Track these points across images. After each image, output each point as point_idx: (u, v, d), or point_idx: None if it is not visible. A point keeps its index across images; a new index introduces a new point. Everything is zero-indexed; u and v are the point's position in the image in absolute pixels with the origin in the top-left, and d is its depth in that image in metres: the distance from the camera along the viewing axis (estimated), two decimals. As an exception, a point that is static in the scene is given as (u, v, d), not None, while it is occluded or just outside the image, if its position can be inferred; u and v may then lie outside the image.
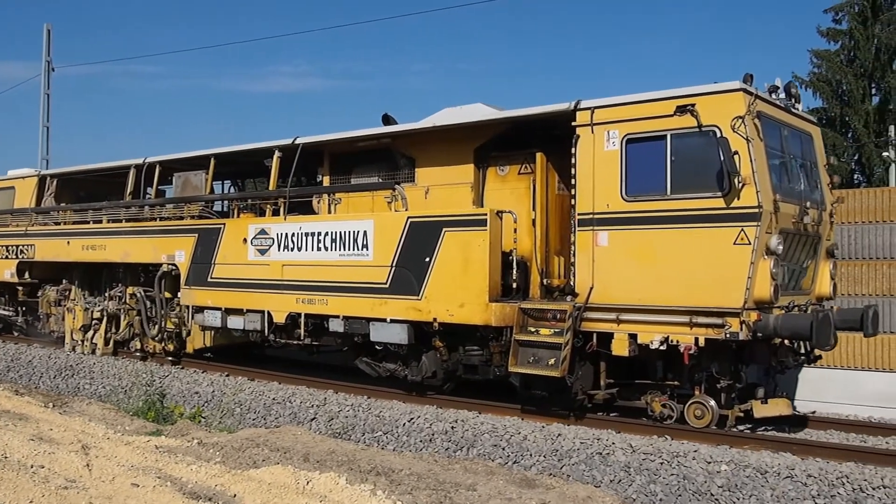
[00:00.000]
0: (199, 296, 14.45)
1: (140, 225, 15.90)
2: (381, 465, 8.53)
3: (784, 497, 7.95)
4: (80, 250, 17.04)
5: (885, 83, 38.19)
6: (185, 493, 7.38)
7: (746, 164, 9.44)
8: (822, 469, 8.29)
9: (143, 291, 16.26)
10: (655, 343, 9.99)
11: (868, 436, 10.85)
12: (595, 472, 9.03)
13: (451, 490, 7.74)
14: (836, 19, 39.70)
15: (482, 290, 10.97)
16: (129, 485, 7.58)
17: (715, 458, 8.70)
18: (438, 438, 10.52)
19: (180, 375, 14.69)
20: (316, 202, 14.01)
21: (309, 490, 7.54)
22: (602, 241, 10.45)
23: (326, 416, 11.83)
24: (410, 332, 11.74)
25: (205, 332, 15.26)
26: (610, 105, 10.50)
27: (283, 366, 15.72)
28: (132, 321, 16.79)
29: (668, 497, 8.45)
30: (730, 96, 9.74)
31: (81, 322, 17.48)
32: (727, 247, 9.53)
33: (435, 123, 12.10)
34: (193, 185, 15.17)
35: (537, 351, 10.66)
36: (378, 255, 12.03)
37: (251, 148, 14.43)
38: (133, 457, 8.77)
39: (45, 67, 32.22)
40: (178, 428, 10.86)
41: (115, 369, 15.37)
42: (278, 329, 13.47)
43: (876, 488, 7.77)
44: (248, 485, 7.65)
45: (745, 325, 9.45)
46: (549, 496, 7.69)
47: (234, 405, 12.77)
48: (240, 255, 13.82)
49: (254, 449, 9.18)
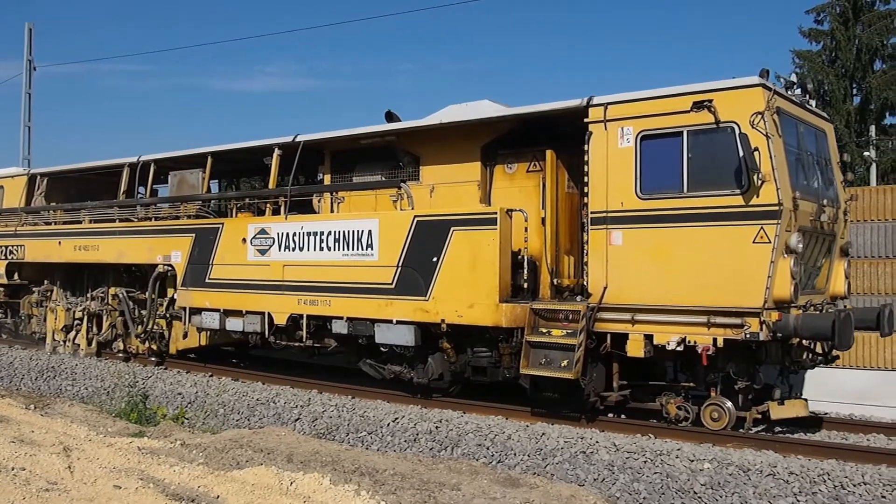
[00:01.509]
0: (197, 297, 13.96)
1: (135, 225, 15.37)
2: (365, 466, 8.37)
3: (766, 494, 7.87)
4: (71, 251, 16.49)
5: (865, 83, 38.17)
6: (167, 494, 7.23)
7: (766, 160, 9.12)
8: (804, 466, 8.23)
9: (127, 292, 15.79)
10: (672, 344, 9.66)
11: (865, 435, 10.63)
12: (579, 470, 8.89)
13: (435, 490, 7.57)
14: (818, 20, 39.66)
15: (492, 290, 10.58)
16: (111, 487, 7.41)
17: (698, 457, 8.61)
18: (423, 438, 10.31)
19: (163, 376, 14.43)
20: (316, 201, 13.56)
21: (293, 491, 7.39)
22: (616, 240, 10.09)
23: (310, 417, 11.58)
24: (417, 333, 11.33)
25: (200, 332, 14.78)
26: (624, 101, 10.14)
27: (266, 366, 15.43)
28: (115, 322, 16.30)
29: (652, 495, 8.31)
30: (748, 91, 9.41)
31: (63, 322, 17.03)
32: (746, 245, 9.20)
33: (442, 120, 11.68)
34: (190, 184, 14.67)
35: (549, 352, 10.30)
36: (383, 254, 11.61)
37: (250, 146, 13.95)
38: (115, 458, 8.57)
39: (26, 66, 31.50)
40: (160, 429, 10.62)
41: (97, 371, 15.08)
42: (279, 331, 13.02)
43: (857, 485, 7.73)
44: (232, 486, 7.49)
45: (765, 325, 9.13)
46: (533, 495, 7.55)
47: (217, 406, 12.49)
48: (239, 256, 13.35)
49: (237, 450, 8.98)
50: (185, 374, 14.60)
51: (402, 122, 12.56)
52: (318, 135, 13.03)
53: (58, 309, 17.06)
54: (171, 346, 15.17)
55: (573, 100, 10.54)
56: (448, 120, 11.62)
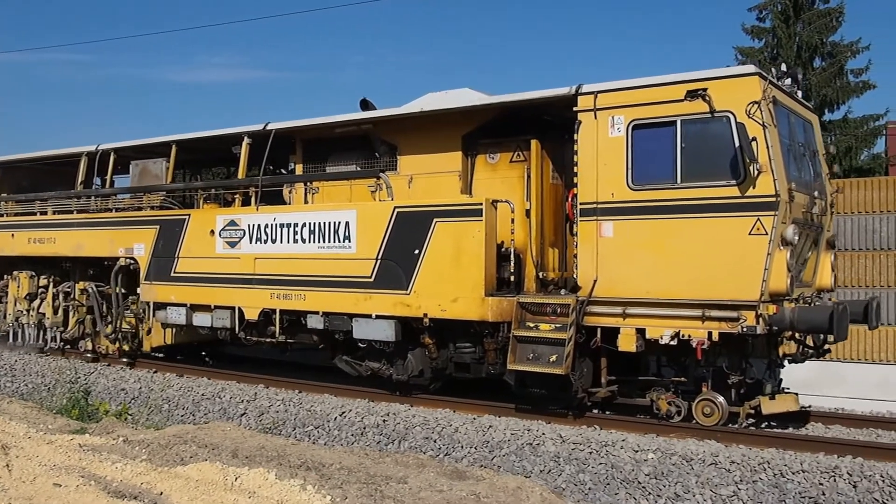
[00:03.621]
0: (162, 291, 13.12)
1: (95, 216, 14.42)
2: (311, 460, 8.05)
3: (708, 483, 7.89)
4: (25, 243, 15.47)
5: (806, 80, 38.54)
6: (109, 492, 6.96)
7: (763, 151, 8.73)
8: (745, 455, 8.26)
9: (96, 287, 14.83)
10: (666, 338, 9.23)
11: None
12: (525, 462, 8.81)
13: (381, 483, 7.33)
14: (760, 17, 39.87)
15: (478, 283, 10.03)
16: (50, 485, 7.10)
17: (642, 447, 8.59)
18: (370, 432, 10.11)
19: (106, 372, 13.96)
20: (287, 192, 12.81)
21: (237, 486, 7.13)
22: (607, 231, 9.61)
23: (257, 412, 11.21)
24: (398, 328, 10.73)
25: (165, 329, 13.94)
26: (615, 89, 9.66)
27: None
28: (82, 319, 15.31)
29: (597, 486, 8.27)
30: (745, 80, 9.01)
31: (27, 290, 15.94)
32: (742, 237, 8.80)
33: (424, 108, 11.04)
34: (153, 174, 13.77)
35: (537, 347, 9.80)
36: (362, 247, 10.97)
37: (218, 134, 13.10)
38: (55, 456, 8.21)
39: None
40: (103, 426, 10.05)
41: (37, 367, 14.48)
42: (250, 326, 12.27)
43: (796, 473, 7.79)
44: (175, 482, 7.21)
45: (761, 318, 8.75)
46: (480, 487, 7.28)
47: (161, 401, 12.00)
48: (207, 248, 12.55)
49: (181, 446, 8.56)
50: (129, 370, 14.05)
51: (380, 110, 11.88)
52: (290, 123, 12.29)
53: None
54: (145, 345, 14.25)
55: (561, 88, 10.02)
56: (430, 108, 10.98)
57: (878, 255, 12.47)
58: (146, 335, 14.05)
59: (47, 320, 15.54)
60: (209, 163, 17.44)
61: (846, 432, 10.17)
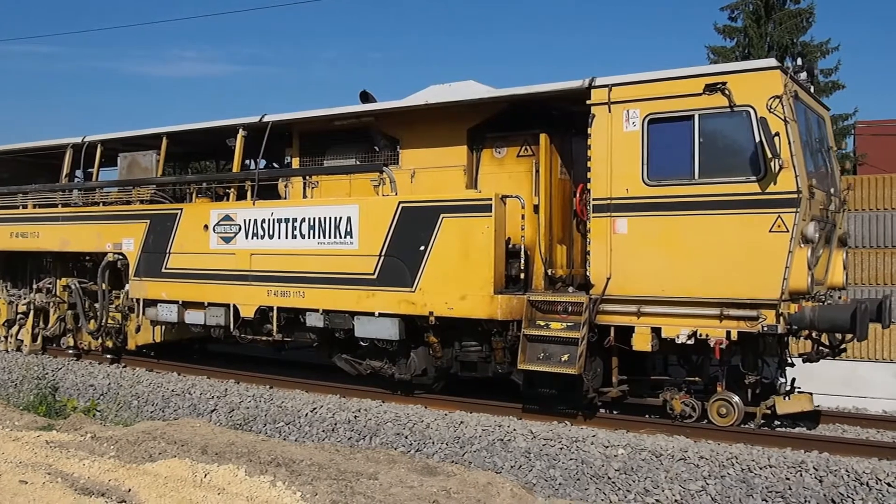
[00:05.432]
0: (152, 288, 12.48)
1: (81, 210, 13.71)
2: (281, 456, 7.84)
3: (677, 478, 7.85)
4: (7, 238, 14.71)
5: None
6: (76, 489, 6.76)
7: (784, 146, 8.36)
8: (714, 451, 8.22)
9: (79, 283, 14.14)
10: (682, 337, 8.84)
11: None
12: (496, 458, 8.72)
13: (352, 479, 7.19)
14: (732, 17, 39.79)
15: (486, 281, 9.56)
16: (16, 482, 6.87)
17: (612, 443, 8.53)
18: (341, 428, 9.90)
19: (74, 368, 13.43)
20: (283, 186, 12.22)
21: (206, 483, 6.99)
22: (621, 228, 9.19)
23: (227, 408, 10.94)
24: (402, 326, 10.23)
25: (154, 327, 13.31)
26: (630, 83, 9.22)
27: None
28: (64, 315, 14.61)
29: (568, 481, 8.20)
30: (766, 74, 8.64)
31: (5, 317, 15.21)
32: (762, 235, 8.43)
33: (429, 101, 10.51)
34: (142, 167, 13.09)
35: (548, 346, 9.37)
36: (364, 243, 10.44)
37: (212, 126, 12.41)
38: (22, 453, 7.98)
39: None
40: (70, 422, 9.66)
41: (3, 363, 13.97)
42: (245, 324, 11.69)
43: (763, 468, 7.77)
44: (144, 479, 7.06)
45: (782, 317, 8.38)
46: (451, 483, 7.19)
47: (130, 398, 11.56)
48: (200, 244, 11.92)
49: (150, 442, 8.34)
50: (97, 366, 13.56)
51: (382, 102, 11.34)
52: (288, 115, 11.69)
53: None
54: (130, 342, 13.59)
55: (574, 81, 9.57)
56: (436, 101, 10.46)
57: (887, 252, 12.15)
58: (133, 333, 13.40)
59: (25, 347, 14.85)
60: (199, 156, 16.76)
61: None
